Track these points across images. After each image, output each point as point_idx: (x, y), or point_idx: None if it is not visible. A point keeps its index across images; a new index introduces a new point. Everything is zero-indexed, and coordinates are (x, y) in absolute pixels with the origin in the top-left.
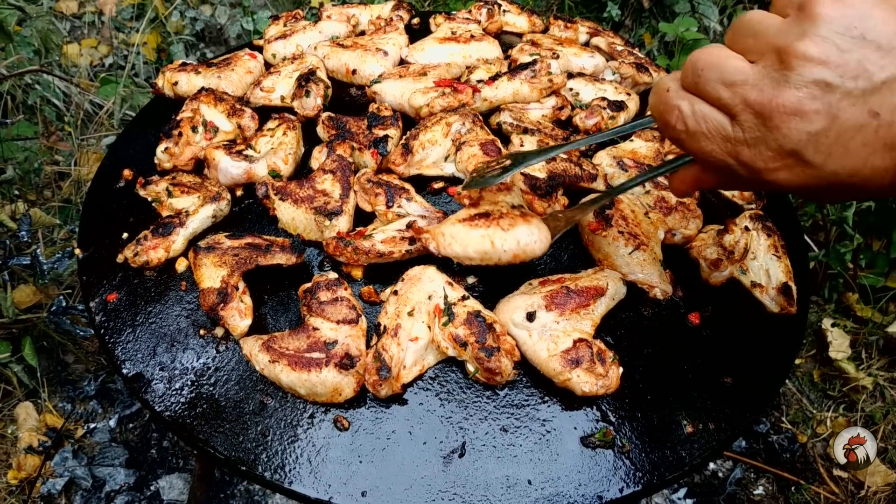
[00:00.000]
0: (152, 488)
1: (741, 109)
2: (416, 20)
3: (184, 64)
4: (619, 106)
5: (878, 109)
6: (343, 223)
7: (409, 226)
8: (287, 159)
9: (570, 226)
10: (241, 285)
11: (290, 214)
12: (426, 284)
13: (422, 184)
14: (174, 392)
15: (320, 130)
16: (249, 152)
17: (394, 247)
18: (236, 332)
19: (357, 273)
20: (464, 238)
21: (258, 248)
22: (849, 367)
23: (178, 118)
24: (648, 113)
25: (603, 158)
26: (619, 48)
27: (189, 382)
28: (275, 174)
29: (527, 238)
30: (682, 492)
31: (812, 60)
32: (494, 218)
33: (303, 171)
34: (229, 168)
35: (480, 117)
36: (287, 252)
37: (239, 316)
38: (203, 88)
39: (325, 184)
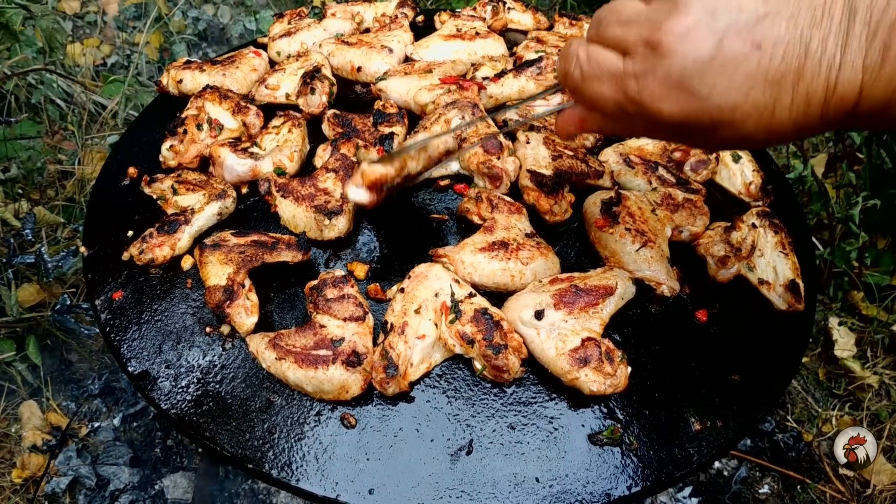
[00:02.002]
0: (157, 487)
1: (633, 42)
2: (420, 17)
3: (188, 62)
4: None
5: (761, 41)
6: (343, 223)
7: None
8: (292, 157)
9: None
10: (247, 283)
11: (291, 212)
12: (433, 282)
13: (427, 181)
14: (180, 390)
15: (325, 128)
16: (255, 150)
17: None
18: (242, 329)
19: (360, 272)
20: (484, 269)
21: (264, 245)
22: (854, 365)
23: (183, 116)
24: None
25: (609, 155)
26: None
27: (195, 380)
28: (280, 171)
29: (543, 271)
30: (688, 490)
31: None
32: (513, 250)
33: (308, 168)
34: (235, 165)
35: (481, 107)
36: (293, 249)
37: (245, 313)
38: (208, 86)
39: (328, 182)
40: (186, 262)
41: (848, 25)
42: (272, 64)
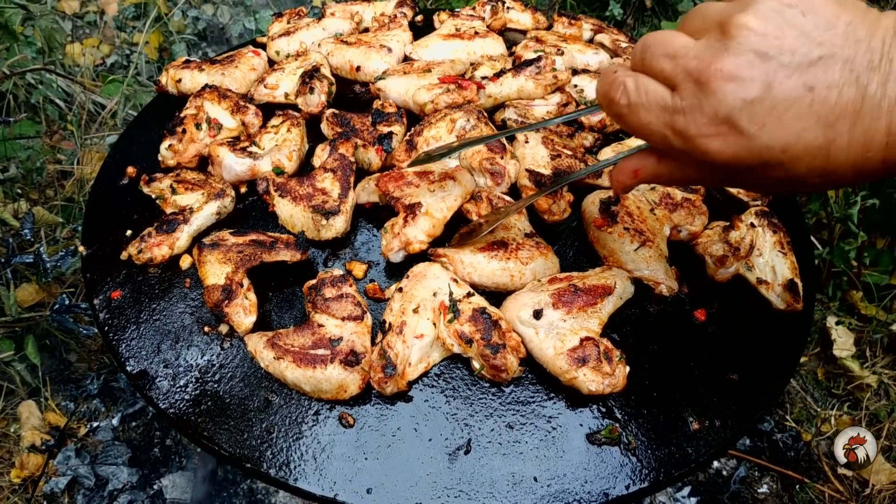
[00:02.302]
0: (155, 487)
1: (682, 79)
2: (419, 17)
3: (187, 61)
4: None
5: (814, 84)
6: (340, 223)
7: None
8: (291, 156)
9: (492, 227)
10: (246, 282)
11: (289, 211)
12: (431, 281)
13: None
14: (178, 389)
15: (324, 127)
16: (253, 149)
17: None
18: (241, 328)
19: (359, 272)
20: (483, 269)
21: (262, 244)
22: (853, 364)
23: (182, 115)
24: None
25: (608, 155)
26: (624, 45)
27: (193, 379)
28: (279, 171)
29: (542, 271)
30: (686, 490)
31: (752, 31)
32: (512, 250)
33: (307, 167)
34: (233, 165)
35: (485, 113)
36: (291, 249)
37: (243, 312)
38: (207, 85)
39: (325, 182)
40: (185, 262)
41: None
42: (271, 63)
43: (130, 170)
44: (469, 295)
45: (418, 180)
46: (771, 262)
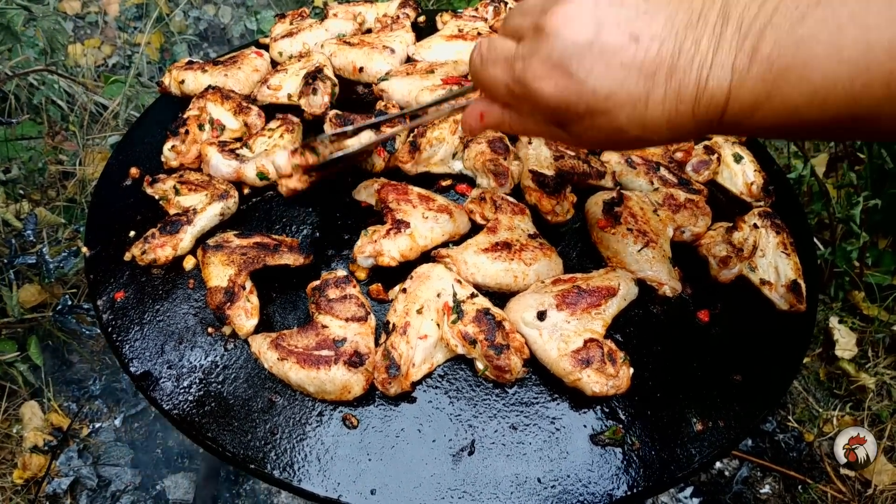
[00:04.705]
0: (158, 488)
1: (526, 30)
2: (422, 18)
3: (190, 62)
4: None
5: (639, 34)
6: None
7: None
8: None
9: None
10: (249, 284)
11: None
12: (435, 282)
13: (429, 181)
14: (182, 390)
15: (327, 128)
16: (243, 151)
17: None
18: (242, 331)
19: (362, 273)
20: (487, 269)
21: (266, 247)
22: (849, 367)
23: (185, 116)
24: None
25: (611, 156)
26: None
27: (197, 380)
28: (262, 176)
29: (546, 272)
30: (689, 490)
31: None
32: (516, 251)
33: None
34: (220, 165)
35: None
36: (295, 252)
37: (245, 315)
38: (210, 86)
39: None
40: (188, 263)
41: (721, 30)
42: (274, 64)
43: (134, 171)
44: (473, 296)
45: (418, 201)
46: (774, 263)
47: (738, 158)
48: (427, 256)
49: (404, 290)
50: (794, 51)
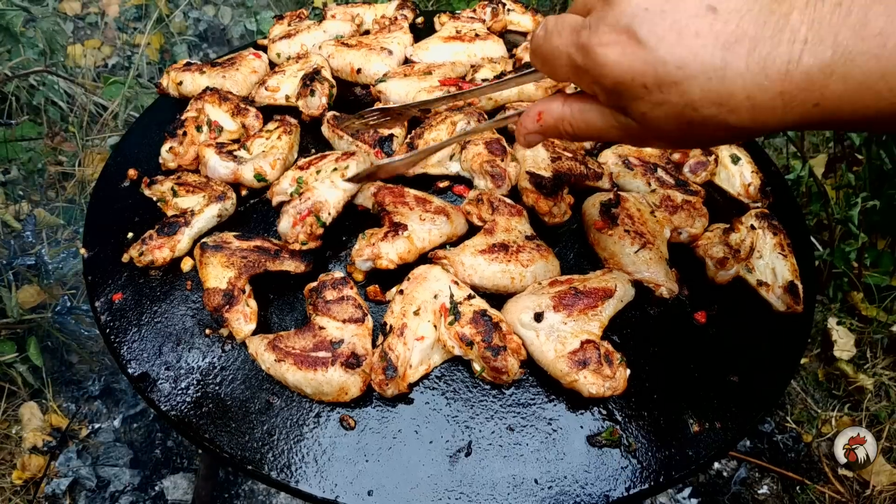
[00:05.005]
0: (157, 488)
1: (595, 1)
2: (420, 19)
3: (188, 63)
4: None
5: (716, 6)
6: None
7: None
8: (275, 164)
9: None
10: (248, 289)
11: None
12: (432, 283)
13: (427, 183)
14: (180, 391)
15: (325, 130)
16: (241, 153)
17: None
18: (240, 335)
19: (359, 274)
20: (484, 271)
21: (267, 252)
22: (847, 368)
23: (183, 118)
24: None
25: (608, 157)
26: None
27: (195, 382)
28: (260, 178)
29: (543, 274)
30: (687, 491)
31: None
32: (513, 252)
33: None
34: (217, 167)
35: (485, 115)
36: (296, 259)
37: (244, 320)
38: (208, 88)
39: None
40: (186, 264)
41: (816, 4)
42: (272, 66)
43: (132, 172)
44: (470, 297)
45: (415, 203)
46: (771, 264)
47: (735, 159)
48: (424, 258)
49: (401, 292)
50: None
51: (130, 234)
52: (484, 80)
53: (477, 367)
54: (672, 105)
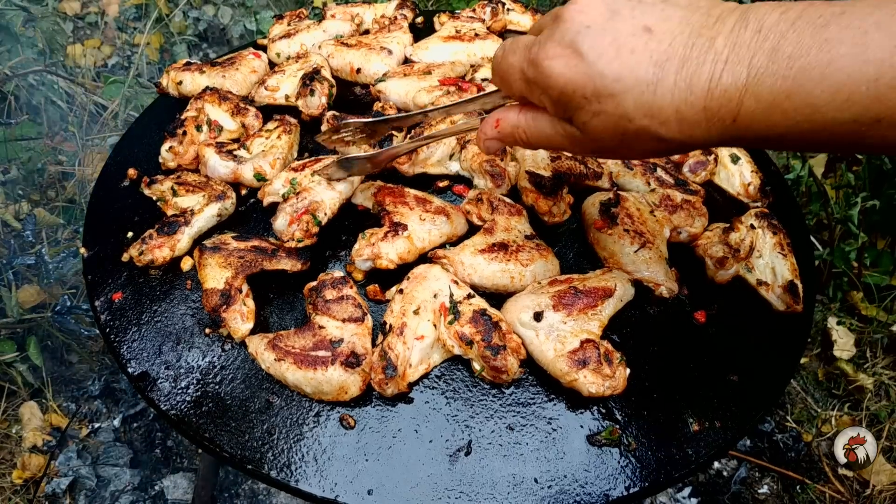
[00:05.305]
0: (156, 488)
1: (547, 22)
2: (419, 19)
3: (188, 63)
4: None
5: (653, 27)
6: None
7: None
8: (274, 163)
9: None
10: (245, 288)
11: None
12: (432, 283)
13: (427, 182)
14: (180, 391)
15: (325, 129)
16: (240, 153)
17: None
18: (237, 335)
19: (359, 274)
20: (483, 270)
21: (264, 251)
22: (847, 367)
23: (183, 117)
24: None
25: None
26: None
27: (195, 381)
28: (259, 177)
29: (543, 273)
30: (687, 490)
31: None
32: (513, 252)
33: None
34: (217, 166)
35: (485, 115)
36: (293, 258)
37: (241, 319)
38: (207, 88)
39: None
40: (186, 264)
41: (739, 31)
42: (272, 65)
43: (131, 172)
44: (469, 296)
45: (415, 204)
46: (771, 264)
47: (735, 159)
48: (424, 257)
49: (401, 291)
50: (817, 51)
51: (130, 234)
52: (484, 80)
53: (476, 366)
54: (609, 115)
